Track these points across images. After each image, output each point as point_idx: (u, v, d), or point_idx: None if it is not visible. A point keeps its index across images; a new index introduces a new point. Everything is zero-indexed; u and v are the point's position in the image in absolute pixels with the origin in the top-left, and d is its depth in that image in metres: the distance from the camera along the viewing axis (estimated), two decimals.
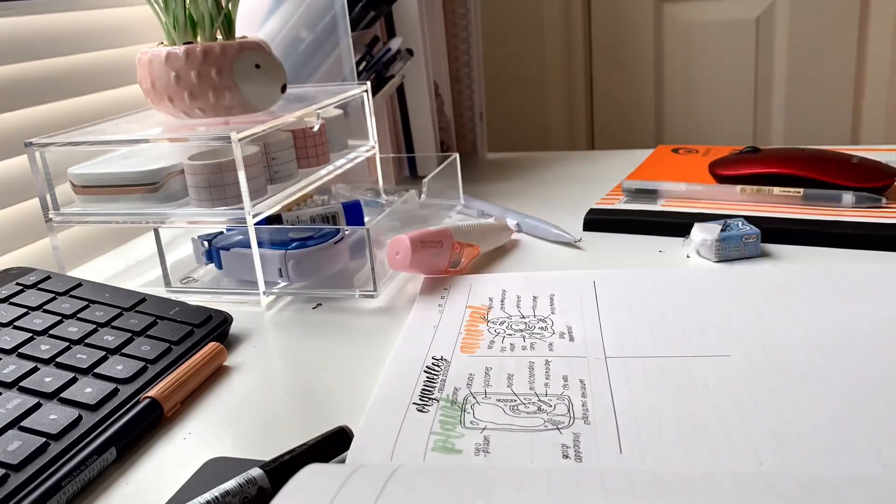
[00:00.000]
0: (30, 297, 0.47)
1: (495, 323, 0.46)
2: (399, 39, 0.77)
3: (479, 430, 0.35)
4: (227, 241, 0.55)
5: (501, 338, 0.44)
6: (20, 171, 0.59)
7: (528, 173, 0.84)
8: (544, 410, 0.36)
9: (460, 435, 0.35)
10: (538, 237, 0.63)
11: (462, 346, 0.44)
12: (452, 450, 0.34)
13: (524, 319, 0.47)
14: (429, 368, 0.41)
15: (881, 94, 1.12)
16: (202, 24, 0.55)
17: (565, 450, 0.33)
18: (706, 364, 0.39)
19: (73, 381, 0.40)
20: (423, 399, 0.38)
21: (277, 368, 0.45)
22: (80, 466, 0.34)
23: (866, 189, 0.60)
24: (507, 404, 0.37)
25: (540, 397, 0.37)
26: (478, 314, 0.48)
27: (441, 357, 0.42)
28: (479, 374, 0.40)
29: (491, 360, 0.42)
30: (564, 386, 0.38)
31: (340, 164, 0.64)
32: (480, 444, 0.34)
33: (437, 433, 0.35)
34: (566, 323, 0.46)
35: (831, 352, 0.40)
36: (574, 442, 0.34)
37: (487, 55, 1.22)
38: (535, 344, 0.43)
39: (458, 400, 0.38)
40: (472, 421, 0.36)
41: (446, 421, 0.36)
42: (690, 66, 1.19)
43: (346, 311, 0.51)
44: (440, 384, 0.39)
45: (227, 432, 0.38)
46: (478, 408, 0.37)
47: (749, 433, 0.33)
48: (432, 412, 0.37)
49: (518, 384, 0.39)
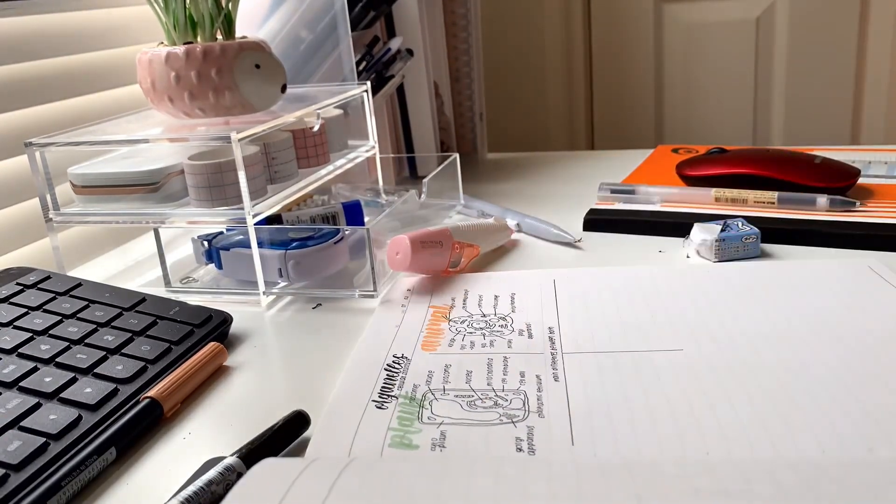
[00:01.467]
0: (30, 296, 0.47)
1: (457, 322, 0.47)
2: (399, 39, 0.77)
3: (437, 426, 0.36)
4: (227, 241, 0.55)
5: (462, 336, 0.45)
6: (20, 171, 0.59)
7: (528, 173, 0.84)
8: (500, 405, 0.37)
9: (418, 430, 0.36)
10: (538, 237, 0.63)
11: (423, 345, 0.45)
12: (409, 445, 0.34)
13: (485, 318, 0.48)
14: (389, 367, 0.42)
15: (881, 94, 1.12)
16: (202, 24, 0.55)
17: (519, 443, 0.34)
18: (659, 358, 0.41)
19: (73, 381, 0.39)
20: (382, 396, 0.39)
21: (277, 368, 0.45)
22: (80, 466, 0.34)
23: (829, 189, 0.60)
24: (464, 400, 0.38)
25: (497, 392, 0.39)
26: (440, 313, 0.49)
27: (402, 355, 0.43)
28: (438, 372, 0.41)
29: (451, 358, 0.43)
30: (521, 381, 0.39)
31: (340, 164, 0.64)
32: (437, 439, 0.35)
33: (394, 429, 0.36)
34: (525, 321, 0.47)
35: (777, 344, 0.41)
36: (528, 435, 0.35)
37: (487, 55, 1.22)
38: (494, 341, 0.44)
39: (416, 397, 0.39)
40: (429, 416, 0.37)
41: (404, 417, 0.37)
42: (690, 66, 1.19)
43: (346, 311, 0.51)
44: (400, 381, 0.40)
45: (227, 432, 0.38)
46: (436, 404, 0.38)
47: (697, 423, 0.34)
48: (391, 409, 0.38)
49: (476, 380, 0.40)
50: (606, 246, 0.60)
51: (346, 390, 0.40)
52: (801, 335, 0.42)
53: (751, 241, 0.54)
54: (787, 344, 0.41)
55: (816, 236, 0.56)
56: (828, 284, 0.48)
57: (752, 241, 0.54)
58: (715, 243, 0.54)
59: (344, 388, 0.40)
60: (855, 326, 0.43)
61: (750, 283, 0.50)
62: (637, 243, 0.60)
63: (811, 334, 0.42)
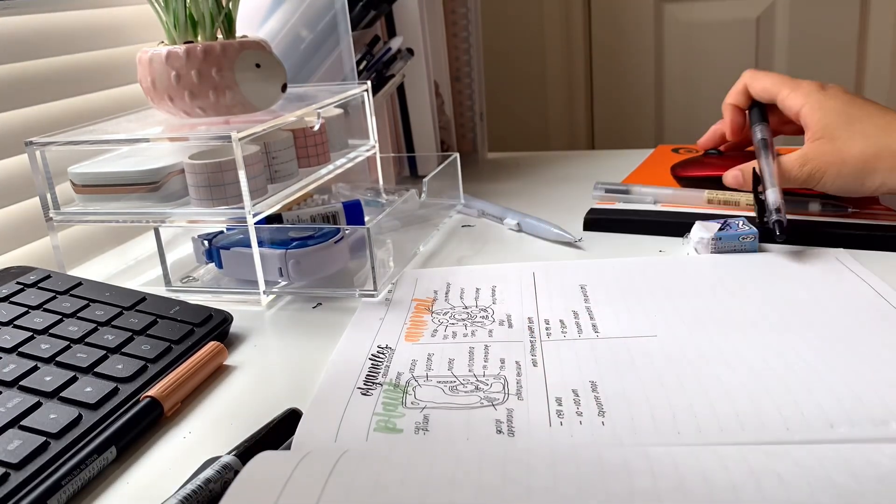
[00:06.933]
0: (30, 296, 0.47)
1: (439, 314, 0.49)
2: (399, 39, 0.77)
3: (420, 410, 0.37)
4: (228, 240, 0.55)
5: (445, 327, 0.47)
6: (20, 170, 0.59)
7: (528, 173, 0.84)
8: (481, 389, 0.39)
9: (401, 415, 0.37)
10: (539, 237, 0.63)
11: (406, 336, 0.46)
12: (394, 429, 0.36)
13: (467, 309, 0.49)
14: (374, 356, 0.43)
15: (881, 94, 1.12)
16: (203, 23, 0.55)
17: (499, 425, 0.35)
18: (633, 344, 0.42)
19: (74, 380, 0.40)
20: (367, 384, 0.40)
21: (277, 368, 0.45)
22: (81, 465, 0.34)
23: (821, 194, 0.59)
24: (446, 385, 0.39)
25: (478, 378, 0.40)
26: (423, 306, 0.50)
27: (386, 346, 0.45)
28: (421, 360, 0.42)
29: (433, 347, 0.44)
30: (501, 367, 0.41)
31: (341, 164, 0.64)
32: (420, 423, 0.36)
33: (379, 414, 0.37)
34: (506, 311, 0.48)
35: (747, 329, 0.43)
36: (507, 417, 0.36)
37: (488, 55, 1.22)
38: (476, 331, 0.46)
39: (400, 383, 0.40)
40: (412, 401, 0.38)
41: (388, 402, 0.38)
42: (690, 66, 1.19)
43: (346, 311, 0.51)
44: (384, 370, 0.42)
45: (227, 431, 0.38)
46: (419, 389, 0.39)
47: (670, 406, 0.36)
48: (375, 395, 0.39)
49: (458, 367, 0.41)
50: (606, 245, 0.60)
51: (332, 379, 0.41)
52: (770, 321, 0.44)
53: (748, 240, 0.54)
54: (756, 329, 0.43)
55: (812, 236, 0.56)
56: (797, 274, 0.50)
57: (749, 240, 0.54)
58: (711, 241, 0.54)
59: (330, 377, 0.41)
60: (822, 313, 0.45)
61: (722, 273, 0.51)
62: (637, 243, 0.60)
63: (780, 320, 0.44)
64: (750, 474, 0.27)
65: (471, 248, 0.62)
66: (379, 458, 0.30)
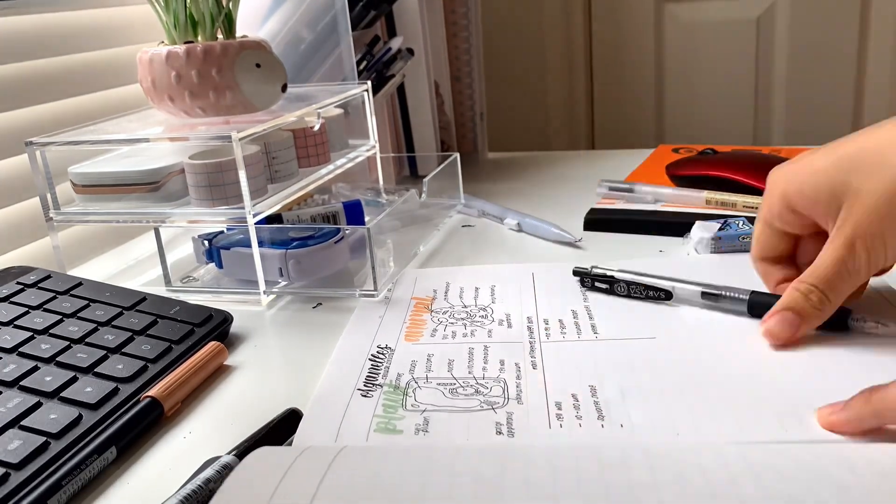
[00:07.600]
0: (30, 296, 0.47)
1: (438, 313, 0.49)
2: (400, 39, 0.77)
3: (420, 412, 0.37)
4: (228, 240, 0.55)
5: (444, 326, 0.47)
6: (20, 170, 0.59)
7: (528, 173, 0.84)
8: (481, 392, 0.39)
9: (401, 417, 0.37)
10: (539, 237, 0.63)
11: (406, 335, 0.46)
12: (394, 430, 0.36)
13: (466, 309, 0.49)
14: (373, 357, 0.43)
15: (881, 94, 1.12)
16: (203, 23, 0.55)
17: (499, 427, 0.35)
18: (633, 346, 0.42)
19: (74, 380, 0.39)
20: (367, 385, 0.40)
21: (277, 368, 0.45)
22: (81, 465, 0.34)
23: None
24: (446, 387, 0.39)
25: (478, 380, 0.40)
26: (422, 305, 0.50)
27: (386, 346, 0.44)
28: (421, 361, 0.42)
29: (433, 348, 0.44)
30: (501, 369, 0.41)
31: (341, 164, 0.64)
32: (420, 425, 0.36)
33: (379, 416, 0.37)
34: (505, 311, 0.48)
35: (745, 331, 0.43)
36: (507, 420, 0.36)
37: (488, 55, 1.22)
38: (475, 331, 0.46)
39: (400, 385, 0.40)
40: (413, 404, 0.38)
41: (389, 404, 0.38)
42: (690, 66, 1.19)
43: (346, 311, 0.51)
44: (384, 371, 0.41)
45: (227, 432, 0.38)
46: (419, 391, 0.39)
47: (668, 407, 0.36)
48: (376, 397, 0.39)
49: (458, 369, 0.41)
50: (606, 245, 0.60)
51: (333, 380, 0.41)
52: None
53: (748, 240, 0.54)
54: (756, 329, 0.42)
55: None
56: None
57: (748, 240, 0.54)
58: (711, 241, 0.54)
59: (330, 378, 0.41)
60: None
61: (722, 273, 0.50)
62: (637, 243, 0.60)
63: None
64: (749, 468, 0.28)
65: (471, 248, 0.62)
66: (378, 451, 0.30)
